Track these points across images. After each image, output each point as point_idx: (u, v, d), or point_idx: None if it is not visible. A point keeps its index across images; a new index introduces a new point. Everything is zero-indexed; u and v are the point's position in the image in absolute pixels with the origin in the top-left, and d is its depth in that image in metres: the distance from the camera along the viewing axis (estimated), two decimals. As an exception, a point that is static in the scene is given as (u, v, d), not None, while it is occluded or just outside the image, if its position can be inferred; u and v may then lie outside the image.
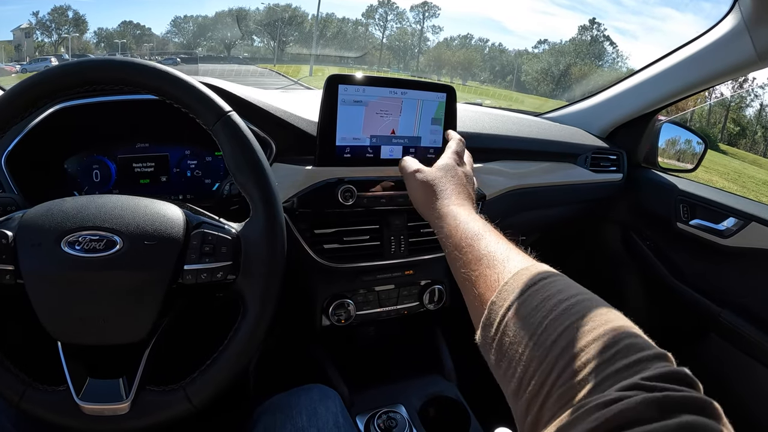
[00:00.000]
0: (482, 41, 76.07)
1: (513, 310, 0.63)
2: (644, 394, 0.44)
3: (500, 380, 0.63)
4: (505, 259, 0.73)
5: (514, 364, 0.59)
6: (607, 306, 0.59)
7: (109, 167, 1.24)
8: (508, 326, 0.62)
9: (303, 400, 1.13)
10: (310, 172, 1.17)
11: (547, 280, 0.65)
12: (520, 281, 0.66)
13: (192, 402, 0.83)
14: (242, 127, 0.87)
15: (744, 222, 1.63)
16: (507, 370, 0.60)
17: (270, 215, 0.86)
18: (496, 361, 0.64)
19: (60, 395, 0.80)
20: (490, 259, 0.75)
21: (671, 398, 0.44)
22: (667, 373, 0.48)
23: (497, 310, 0.65)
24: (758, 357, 1.59)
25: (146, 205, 0.83)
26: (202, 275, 0.83)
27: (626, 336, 0.53)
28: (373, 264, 1.30)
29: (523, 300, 0.63)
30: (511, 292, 0.65)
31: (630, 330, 0.55)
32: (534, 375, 0.55)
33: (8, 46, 30.15)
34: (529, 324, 0.60)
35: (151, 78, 0.85)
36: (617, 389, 0.47)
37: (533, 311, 0.61)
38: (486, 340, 0.66)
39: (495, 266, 0.73)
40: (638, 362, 0.50)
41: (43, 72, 0.83)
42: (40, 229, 0.78)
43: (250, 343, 0.85)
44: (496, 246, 0.77)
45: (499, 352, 0.63)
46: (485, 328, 0.67)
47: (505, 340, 0.62)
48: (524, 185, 1.60)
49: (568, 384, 0.51)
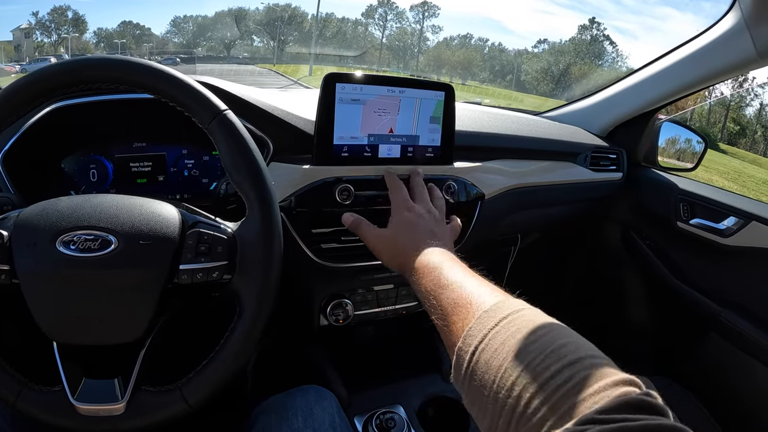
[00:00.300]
0: (482, 41, 76.27)
1: (476, 356, 0.65)
2: (599, 427, 0.44)
3: (476, 421, 0.64)
4: (469, 303, 0.74)
5: (483, 407, 0.61)
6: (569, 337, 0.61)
7: (106, 166, 1.23)
8: (475, 371, 0.64)
9: (299, 401, 1.13)
10: (307, 171, 1.16)
11: (507, 318, 0.66)
12: (483, 325, 0.67)
13: (188, 402, 0.82)
14: (238, 126, 0.87)
15: (744, 221, 1.62)
16: (478, 413, 0.63)
17: (266, 214, 0.86)
18: (469, 403, 0.66)
19: (55, 396, 0.80)
20: (454, 307, 0.76)
21: (627, 429, 0.43)
22: (624, 402, 0.48)
23: (463, 356, 0.67)
24: (759, 356, 1.59)
25: (141, 204, 0.83)
26: (197, 275, 0.82)
27: (584, 368, 0.54)
28: (371, 263, 1.28)
29: (485, 344, 0.65)
30: (474, 337, 0.67)
31: (588, 360, 0.55)
32: (500, 417, 0.57)
33: (8, 46, 30.17)
34: (490, 368, 0.61)
35: (146, 77, 0.84)
36: (575, 424, 0.47)
37: (493, 354, 0.62)
38: (458, 383, 0.69)
39: (459, 313, 0.74)
40: (596, 392, 0.50)
41: (39, 71, 0.82)
42: (35, 228, 0.77)
43: (247, 343, 0.84)
44: (459, 291, 0.79)
45: (470, 395, 0.65)
46: (456, 372, 0.69)
47: (473, 384, 0.64)
48: (524, 184, 1.59)
49: (529, 424, 0.53)
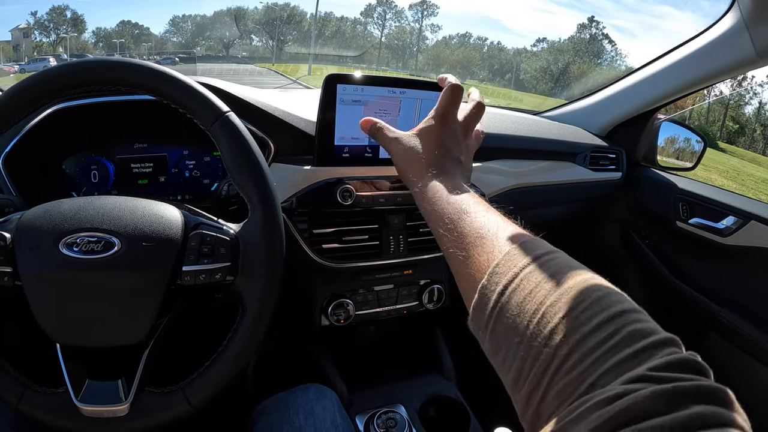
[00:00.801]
0: (481, 40, 76.11)
1: (506, 296, 0.59)
2: (652, 386, 0.42)
3: (498, 370, 0.60)
4: (494, 236, 0.68)
5: (511, 354, 0.56)
6: (608, 287, 0.56)
7: (107, 168, 1.23)
8: (502, 313, 0.58)
9: (300, 399, 1.13)
10: (308, 172, 1.17)
11: (541, 259, 0.60)
12: (513, 262, 0.61)
13: (191, 403, 0.83)
14: (240, 128, 0.87)
15: (744, 220, 1.63)
16: (504, 360, 0.57)
17: (268, 215, 0.86)
18: (491, 350, 0.61)
19: (59, 397, 0.80)
20: (478, 237, 0.69)
21: (681, 389, 0.41)
22: (676, 361, 0.45)
23: (489, 294, 0.61)
24: (758, 356, 1.59)
25: (144, 206, 0.83)
26: (200, 276, 0.83)
27: (630, 321, 0.50)
28: (373, 264, 1.30)
29: (516, 284, 0.59)
30: (503, 275, 0.61)
31: (634, 315, 0.51)
32: (533, 366, 0.52)
33: (6, 46, 30.12)
34: (523, 312, 0.56)
35: (148, 78, 0.84)
36: (622, 382, 0.44)
37: (528, 297, 0.56)
38: (479, 326, 0.63)
39: (483, 245, 0.67)
40: (643, 350, 0.47)
41: (41, 73, 0.82)
42: (38, 230, 0.77)
43: (249, 344, 0.85)
44: (483, 221, 0.71)
45: (494, 341, 0.60)
46: (476, 313, 0.63)
47: (499, 328, 0.59)
48: (523, 184, 1.60)
49: (569, 377, 0.49)
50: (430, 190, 0.82)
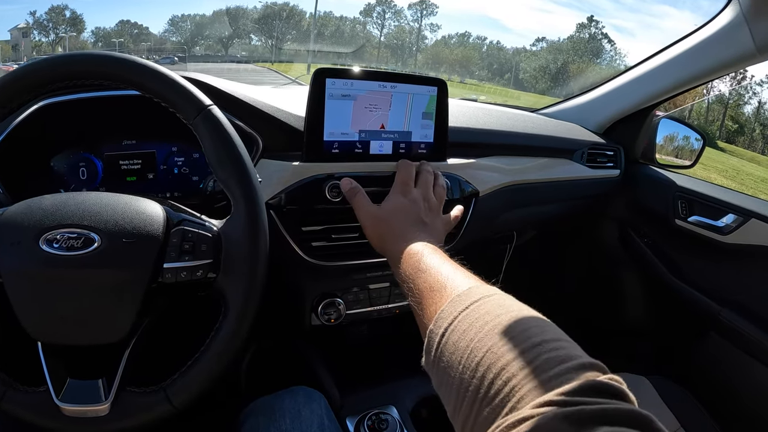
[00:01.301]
0: (480, 39, 76.34)
1: (446, 337, 0.66)
2: (557, 409, 0.45)
3: (443, 402, 0.65)
4: (442, 288, 0.76)
5: (448, 388, 0.62)
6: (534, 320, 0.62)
7: (95, 165, 1.22)
8: (443, 352, 0.65)
9: (287, 402, 1.13)
10: (297, 168, 1.15)
11: (478, 302, 0.67)
12: (453, 308, 0.69)
13: (172, 403, 0.81)
14: (223, 122, 0.86)
15: (743, 218, 1.61)
16: (445, 394, 0.64)
17: (251, 212, 0.85)
18: (436, 385, 0.68)
19: (40, 396, 0.79)
20: (429, 291, 0.78)
21: (585, 412, 0.44)
22: (586, 385, 0.48)
23: (433, 338, 0.69)
24: (758, 356, 1.58)
25: (126, 202, 0.82)
26: (181, 273, 0.81)
27: (549, 349, 0.54)
28: (363, 262, 1.28)
29: (454, 326, 0.66)
30: (445, 320, 0.68)
31: (554, 342, 0.56)
32: (465, 396, 0.58)
33: (5, 45, 30.16)
34: (458, 349, 0.62)
35: (130, 72, 0.83)
36: (532, 406, 0.47)
37: (462, 335, 0.63)
38: (428, 366, 0.71)
39: (432, 297, 0.77)
40: (558, 375, 0.50)
41: (23, 67, 0.81)
42: (19, 226, 0.76)
43: (232, 343, 0.83)
44: (435, 277, 0.80)
45: (437, 376, 0.67)
46: (426, 354, 0.71)
47: (441, 365, 0.65)
48: (519, 181, 1.58)
49: (491, 404, 0.53)
50: (395, 255, 0.94)
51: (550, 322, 0.62)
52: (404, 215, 1.04)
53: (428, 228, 1.03)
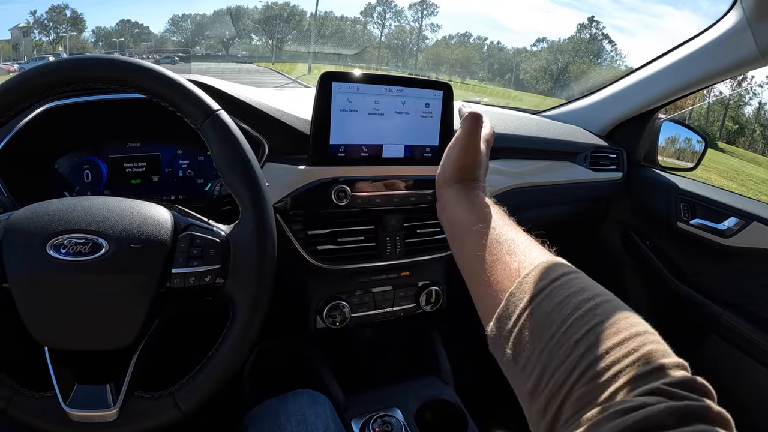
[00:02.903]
0: (481, 39, 76.13)
1: (535, 304, 0.60)
2: (666, 401, 0.44)
3: (515, 377, 0.60)
4: (526, 248, 0.69)
5: (533, 360, 0.57)
6: (629, 310, 0.58)
7: (100, 167, 1.22)
8: (529, 321, 0.60)
9: (291, 405, 1.13)
10: (303, 172, 1.15)
11: (569, 276, 0.62)
12: (542, 275, 0.62)
13: (181, 408, 0.81)
14: (231, 126, 0.86)
15: (745, 221, 1.61)
16: (525, 367, 0.58)
17: (259, 217, 0.84)
18: (513, 356, 0.60)
19: (47, 402, 0.79)
20: (510, 245, 0.70)
21: (691, 408, 0.44)
22: (687, 381, 0.48)
23: (516, 302, 0.62)
24: (759, 358, 1.58)
25: (133, 206, 0.82)
26: (190, 279, 0.81)
27: (649, 342, 0.52)
28: (368, 265, 1.29)
29: (545, 295, 0.60)
30: (532, 285, 0.62)
31: (652, 336, 0.54)
32: (554, 373, 0.54)
33: (6, 45, 30.09)
34: (551, 321, 0.57)
35: (138, 76, 0.83)
36: (638, 393, 0.46)
37: (557, 307, 0.58)
38: (501, 333, 0.63)
39: (515, 253, 0.69)
40: (660, 369, 0.49)
41: (29, 70, 0.82)
42: (26, 232, 0.76)
43: (240, 348, 0.83)
44: (515, 234, 0.73)
45: (517, 347, 0.60)
46: (501, 320, 0.63)
47: (524, 334, 0.59)
48: (523, 184, 1.59)
49: (590, 385, 0.50)
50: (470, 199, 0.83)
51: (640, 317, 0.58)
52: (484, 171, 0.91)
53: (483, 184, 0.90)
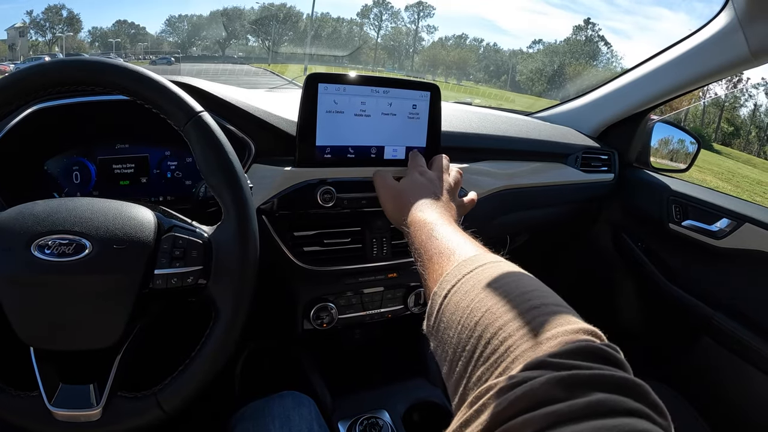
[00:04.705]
0: (477, 41, 76.15)
1: (449, 298, 0.66)
2: (549, 373, 0.44)
3: (439, 364, 0.65)
4: (451, 253, 0.76)
5: (446, 348, 0.62)
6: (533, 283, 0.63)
7: (89, 169, 1.22)
8: (444, 314, 0.66)
9: (276, 407, 1.13)
10: (289, 174, 1.15)
11: (483, 266, 0.68)
12: (459, 271, 0.69)
13: (163, 409, 0.82)
14: (214, 128, 0.86)
15: (737, 223, 1.62)
16: (441, 354, 0.64)
17: (241, 219, 0.85)
18: (434, 347, 0.68)
19: (32, 401, 0.79)
20: (438, 256, 0.78)
21: (578, 376, 0.43)
22: (579, 348, 0.47)
23: (437, 300, 0.69)
24: (751, 360, 1.58)
25: (117, 208, 0.82)
26: (172, 280, 0.82)
27: (547, 312, 0.54)
28: (355, 267, 1.29)
29: (458, 287, 0.66)
30: (449, 282, 0.68)
31: (553, 307, 0.56)
32: (460, 357, 0.58)
33: (2, 45, 30.10)
34: (458, 309, 0.62)
35: (121, 78, 0.84)
36: (523, 368, 0.47)
37: (464, 296, 0.63)
38: (429, 329, 0.70)
39: (441, 262, 0.76)
40: (553, 338, 0.50)
41: (12, 74, 0.82)
42: (11, 232, 0.76)
43: (223, 349, 0.84)
44: (446, 243, 0.80)
45: (436, 339, 0.66)
46: (428, 318, 0.70)
47: (440, 327, 0.65)
48: (513, 186, 1.59)
49: (487, 363, 0.53)
50: (410, 225, 0.94)
51: (551, 290, 0.63)
52: (422, 191, 1.03)
53: (444, 204, 1.01)
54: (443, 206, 1.00)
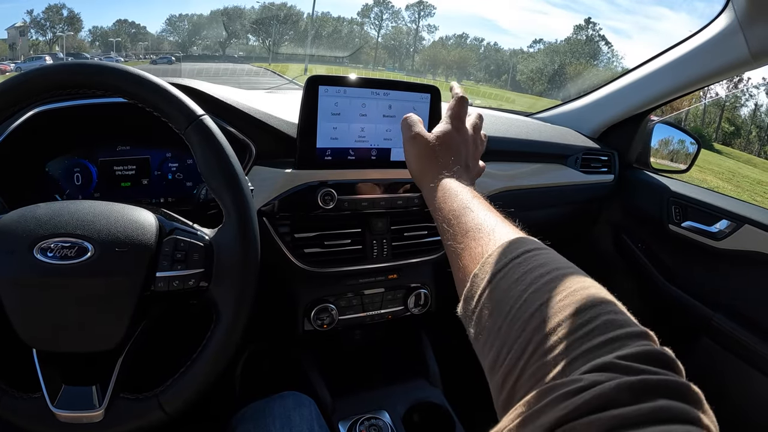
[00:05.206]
0: (477, 40, 76.10)
1: (494, 283, 0.62)
2: (618, 377, 0.43)
3: (479, 354, 0.62)
4: (491, 231, 0.72)
5: (492, 337, 0.58)
6: (589, 280, 0.58)
7: (90, 170, 1.22)
8: (489, 299, 0.62)
9: (277, 407, 1.13)
10: (290, 176, 1.16)
11: (531, 252, 0.64)
12: (504, 254, 0.65)
13: (165, 410, 0.82)
14: (214, 131, 0.86)
15: (737, 224, 1.61)
16: (485, 344, 0.60)
17: (243, 221, 0.85)
18: (475, 334, 0.63)
19: (35, 402, 0.79)
20: (477, 231, 0.73)
21: (647, 382, 0.42)
22: (645, 353, 0.46)
23: (479, 282, 0.64)
24: (750, 361, 1.58)
25: (119, 211, 0.82)
26: (173, 282, 0.82)
27: (606, 312, 0.52)
28: (356, 268, 1.29)
29: (504, 273, 0.62)
30: (493, 264, 0.64)
31: (611, 306, 0.53)
32: (510, 350, 0.54)
33: (2, 44, 30.11)
34: (508, 297, 0.59)
35: (124, 82, 0.84)
36: (590, 368, 0.46)
37: (513, 284, 0.59)
38: (467, 313, 0.66)
39: (480, 238, 0.71)
40: (615, 339, 0.48)
41: (14, 78, 0.82)
42: (13, 235, 0.76)
43: (224, 351, 0.84)
44: (483, 218, 0.75)
45: (479, 326, 0.62)
46: (467, 301, 0.66)
47: (484, 313, 0.61)
48: (513, 187, 1.59)
49: (542, 360, 0.51)
50: (440, 189, 0.86)
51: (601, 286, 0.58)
52: (455, 152, 0.94)
53: (470, 173, 0.96)
54: (470, 176, 0.94)
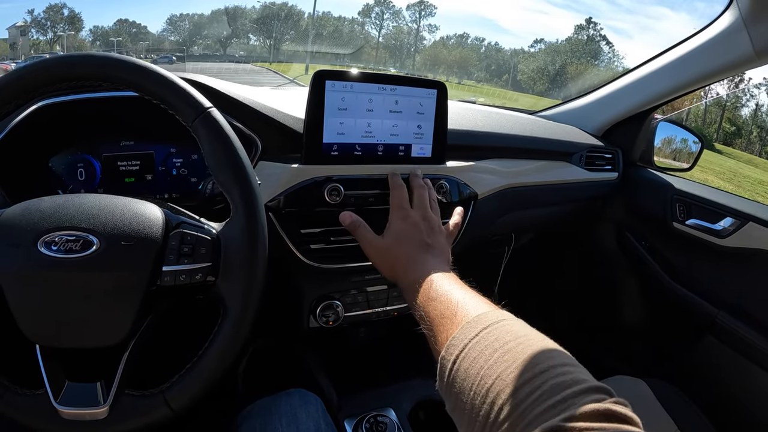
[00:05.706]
0: (478, 40, 76.19)
1: (458, 364, 0.68)
2: None
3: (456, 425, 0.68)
4: (454, 314, 0.77)
5: (461, 412, 0.65)
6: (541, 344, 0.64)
7: (94, 166, 1.21)
8: (455, 378, 0.67)
9: (283, 405, 1.13)
10: (296, 171, 1.15)
11: (488, 328, 0.69)
12: (465, 334, 0.71)
13: (171, 407, 0.81)
14: (222, 124, 0.85)
15: (741, 222, 1.61)
16: (458, 418, 0.67)
17: (250, 215, 0.84)
18: (450, 409, 0.70)
19: (38, 399, 0.78)
20: (441, 318, 0.79)
21: None
22: (592, 411, 0.50)
23: (446, 364, 0.71)
24: (755, 358, 1.58)
25: (125, 204, 0.81)
26: (180, 277, 0.81)
27: (554, 375, 0.57)
28: (362, 264, 1.27)
29: (465, 353, 0.68)
30: (456, 346, 0.70)
31: (561, 368, 0.58)
32: (476, 422, 0.60)
33: (3, 44, 30.13)
34: (469, 375, 0.65)
35: (130, 73, 0.83)
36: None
37: (473, 362, 0.65)
38: (441, 390, 0.72)
39: (443, 324, 0.78)
40: (564, 400, 0.53)
41: (20, 68, 0.81)
42: (17, 229, 0.75)
43: (231, 347, 0.83)
44: (447, 303, 0.81)
45: (450, 401, 0.69)
46: (440, 380, 0.72)
47: (453, 390, 0.67)
48: (517, 184, 1.58)
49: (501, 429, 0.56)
50: (408, 285, 0.95)
51: (558, 347, 0.64)
52: (408, 241, 1.03)
53: (434, 249, 1.02)
54: (436, 253, 1.01)
